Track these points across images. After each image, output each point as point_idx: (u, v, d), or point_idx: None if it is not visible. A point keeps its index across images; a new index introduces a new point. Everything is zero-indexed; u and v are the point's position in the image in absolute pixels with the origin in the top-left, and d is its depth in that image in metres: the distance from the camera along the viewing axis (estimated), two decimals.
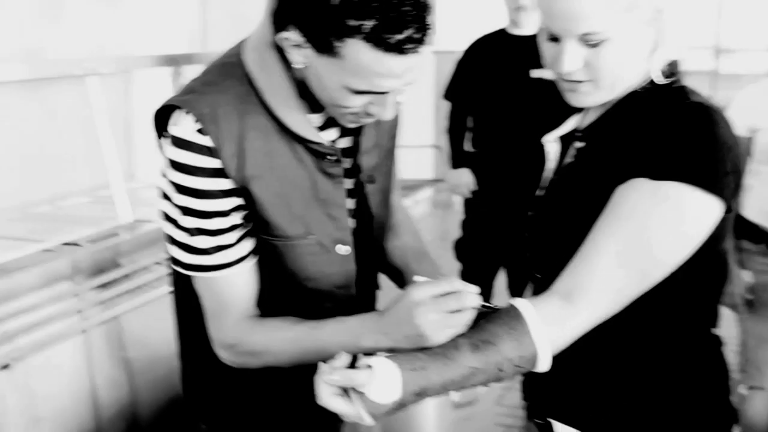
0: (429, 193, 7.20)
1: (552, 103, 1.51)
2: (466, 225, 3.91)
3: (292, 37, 1.24)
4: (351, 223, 1.47)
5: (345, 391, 1.16)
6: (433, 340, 1.21)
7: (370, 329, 1.27)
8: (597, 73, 1.28)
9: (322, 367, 1.16)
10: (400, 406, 1.17)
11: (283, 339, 1.37)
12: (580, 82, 1.30)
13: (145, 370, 2.65)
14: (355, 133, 1.45)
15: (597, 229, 1.25)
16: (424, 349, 1.21)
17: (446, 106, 3.96)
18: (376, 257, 1.56)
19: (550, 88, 1.54)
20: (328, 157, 1.38)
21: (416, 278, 1.29)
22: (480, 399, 2.82)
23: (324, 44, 1.20)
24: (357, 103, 1.28)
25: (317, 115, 1.40)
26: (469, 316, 1.22)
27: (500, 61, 3.67)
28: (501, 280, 3.98)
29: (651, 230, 1.21)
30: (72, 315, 2.30)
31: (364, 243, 1.50)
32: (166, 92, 3.45)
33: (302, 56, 1.26)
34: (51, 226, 2.72)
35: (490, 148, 3.76)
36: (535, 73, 3.56)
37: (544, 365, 1.22)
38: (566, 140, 1.46)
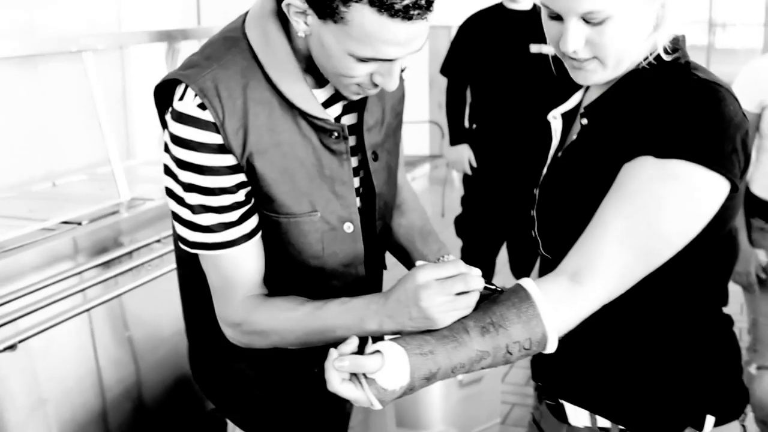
0: (426, 169, 7.19)
1: (552, 78, 1.50)
2: (466, 201, 3.90)
3: (295, 2, 1.22)
4: (356, 201, 1.44)
5: (355, 377, 1.16)
6: (440, 322, 1.20)
7: (375, 312, 1.26)
8: (601, 51, 1.26)
9: (332, 353, 1.15)
10: (409, 390, 1.17)
11: (289, 319, 1.35)
12: (584, 60, 1.28)
13: (148, 350, 2.63)
14: (359, 109, 1.42)
15: (603, 208, 1.23)
16: (431, 332, 1.20)
17: (441, 81, 3.93)
18: (381, 236, 1.54)
19: (550, 63, 1.52)
20: (333, 133, 1.35)
21: (419, 263, 1.28)
22: (485, 377, 2.82)
23: (328, 9, 1.18)
24: (361, 72, 1.26)
25: (321, 90, 1.38)
26: (474, 298, 1.21)
27: (498, 35, 3.65)
28: (502, 256, 3.98)
29: (658, 209, 1.20)
30: (74, 295, 2.27)
31: (369, 221, 1.48)
32: (161, 68, 3.41)
33: (306, 24, 1.24)
34: (50, 205, 2.69)
35: (488, 124, 3.74)
36: (534, 48, 3.55)
37: (552, 347, 1.21)
38: (567, 117, 1.44)
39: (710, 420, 1.33)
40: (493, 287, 1.27)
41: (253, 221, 1.37)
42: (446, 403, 2.78)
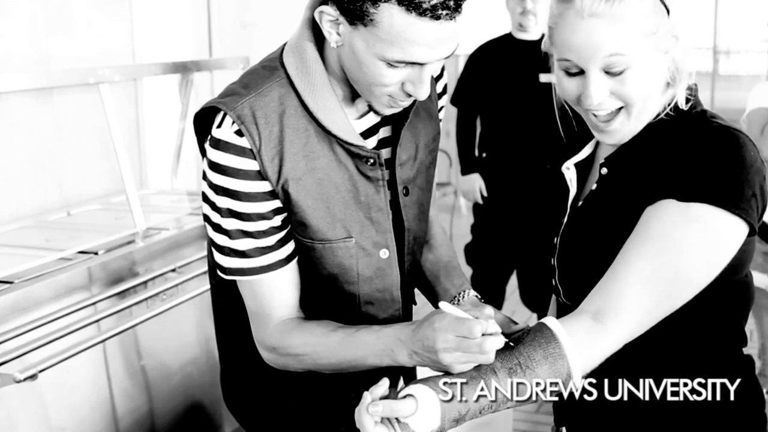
0: (433, 196, 7.18)
1: (572, 122, 1.52)
2: (476, 229, 3.91)
3: (327, 10, 1.25)
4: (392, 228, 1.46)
5: (387, 420, 1.17)
6: (456, 371, 1.22)
7: (404, 343, 1.28)
8: (627, 99, 1.28)
9: (365, 397, 1.16)
10: None
11: (321, 344, 1.37)
12: (607, 121, 1.31)
13: (161, 379, 2.64)
14: (393, 144, 1.44)
15: (626, 250, 1.25)
16: (460, 374, 1.21)
17: (448, 110, 3.96)
18: (411, 271, 1.55)
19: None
20: (369, 160, 1.37)
21: (442, 305, 1.29)
22: None
23: (358, 12, 1.21)
24: (393, 79, 1.27)
25: (357, 122, 1.40)
26: (492, 357, 1.22)
27: (507, 65, 3.68)
28: (512, 283, 3.98)
29: (680, 252, 1.22)
30: (89, 325, 2.29)
31: (398, 255, 1.49)
32: (173, 98, 3.44)
33: (338, 34, 1.27)
34: (65, 234, 2.71)
35: (498, 153, 3.77)
36: (544, 78, 3.57)
37: (576, 387, 1.23)
38: (580, 164, 1.45)
39: None
40: (510, 343, 1.26)
41: (289, 247, 1.39)
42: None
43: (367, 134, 1.42)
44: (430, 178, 1.55)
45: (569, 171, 1.44)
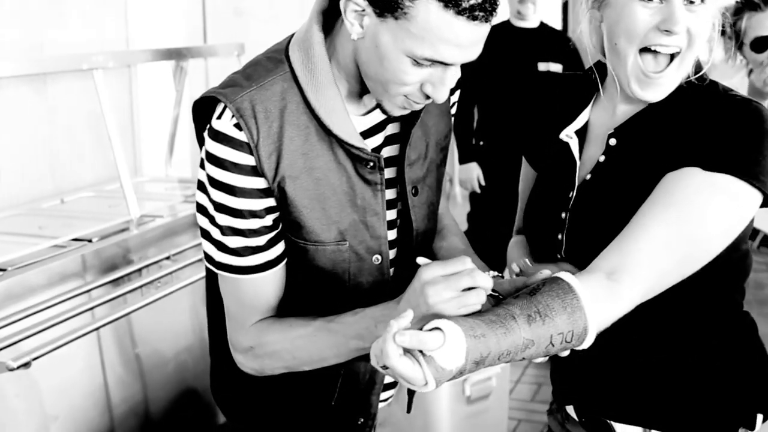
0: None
1: (558, 96, 1.52)
2: (472, 217, 3.91)
3: (356, 0, 1.21)
4: (392, 234, 1.43)
5: (410, 353, 1.09)
6: (450, 314, 1.17)
7: (388, 315, 1.24)
8: (693, 36, 1.29)
9: (392, 325, 1.08)
10: (459, 374, 1.13)
11: (301, 336, 1.35)
12: (660, 71, 1.31)
13: (155, 367, 2.64)
14: (402, 142, 1.41)
15: (644, 213, 1.26)
16: (480, 317, 1.15)
17: None
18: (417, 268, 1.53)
19: (557, 81, 1.55)
20: (369, 163, 1.34)
21: (419, 260, 1.27)
22: (493, 393, 2.82)
23: (392, 4, 1.17)
24: (414, 78, 1.24)
25: (363, 118, 1.37)
26: (482, 297, 1.18)
27: (505, 53, 3.67)
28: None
29: (702, 219, 1.24)
30: (83, 313, 2.27)
31: (405, 253, 1.46)
32: (167, 85, 3.43)
33: (361, 24, 1.22)
34: (59, 222, 2.70)
35: (496, 141, 3.76)
36: (542, 66, 3.57)
37: (588, 343, 1.21)
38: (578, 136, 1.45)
39: (760, 418, 1.39)
40: (497, 294, 1.25)
41: (279, 248, 1.37)
42: (453, 418, 2.78)
43: (373, 131, 1.39)
44: (440, 176, 1.51)
45: (572, 140, 1.42)
